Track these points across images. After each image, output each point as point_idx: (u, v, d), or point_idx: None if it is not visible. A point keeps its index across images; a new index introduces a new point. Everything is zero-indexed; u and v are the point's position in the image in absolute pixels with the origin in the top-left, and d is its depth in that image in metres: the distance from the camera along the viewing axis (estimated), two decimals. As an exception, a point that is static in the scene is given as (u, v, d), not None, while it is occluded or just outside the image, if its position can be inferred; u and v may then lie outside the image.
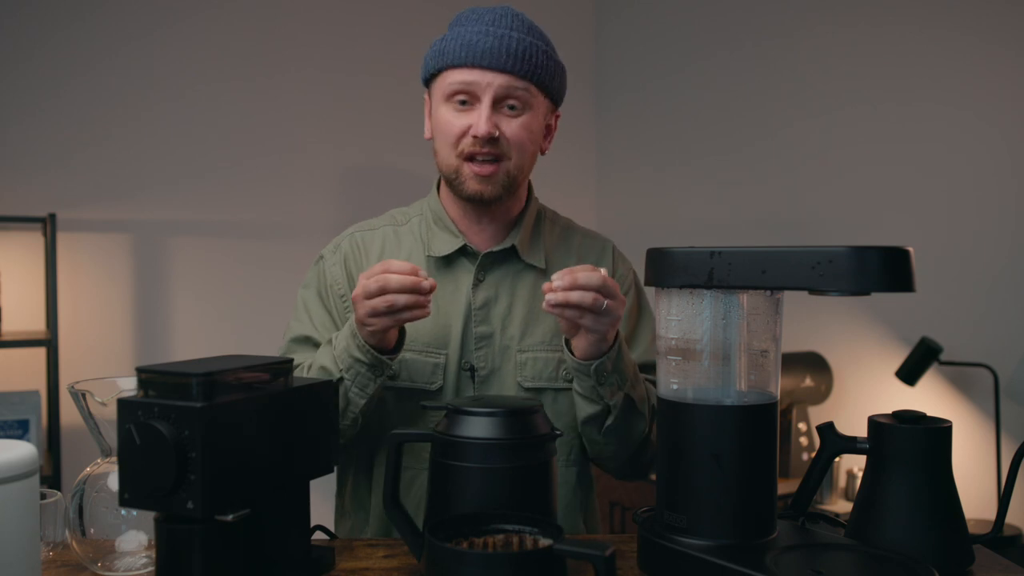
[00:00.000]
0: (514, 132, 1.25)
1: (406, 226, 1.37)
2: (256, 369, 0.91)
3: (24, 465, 0.84)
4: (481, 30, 1.24)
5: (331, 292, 1.33)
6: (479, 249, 1.32)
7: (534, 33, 1.27)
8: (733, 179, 3.20)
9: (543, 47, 1.26)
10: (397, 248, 1.34)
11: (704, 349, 0.98)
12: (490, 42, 1.22)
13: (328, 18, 3.32)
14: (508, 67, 1.22)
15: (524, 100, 1.25)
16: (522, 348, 1.30)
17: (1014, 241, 2.37)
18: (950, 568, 0.96)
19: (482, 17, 1.26)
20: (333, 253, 1.36)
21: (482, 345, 1.29)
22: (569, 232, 1.42)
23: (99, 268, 2.96)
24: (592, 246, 1.41)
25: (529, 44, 1.24)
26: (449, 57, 1.25)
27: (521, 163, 1.27)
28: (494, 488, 0.95)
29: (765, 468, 0.97)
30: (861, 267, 0.86)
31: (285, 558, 0.96)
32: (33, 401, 2.69)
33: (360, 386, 1.19)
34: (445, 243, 1.32)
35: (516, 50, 1.23)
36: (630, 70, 3.68)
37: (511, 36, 1.23)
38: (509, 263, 1.32)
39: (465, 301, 1.30)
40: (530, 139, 1.27)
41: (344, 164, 3.35)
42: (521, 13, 1.29)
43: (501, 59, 1.22)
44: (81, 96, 2.94)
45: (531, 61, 1.24)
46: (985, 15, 2.44)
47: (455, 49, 1.24)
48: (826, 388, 2.75)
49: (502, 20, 1.25)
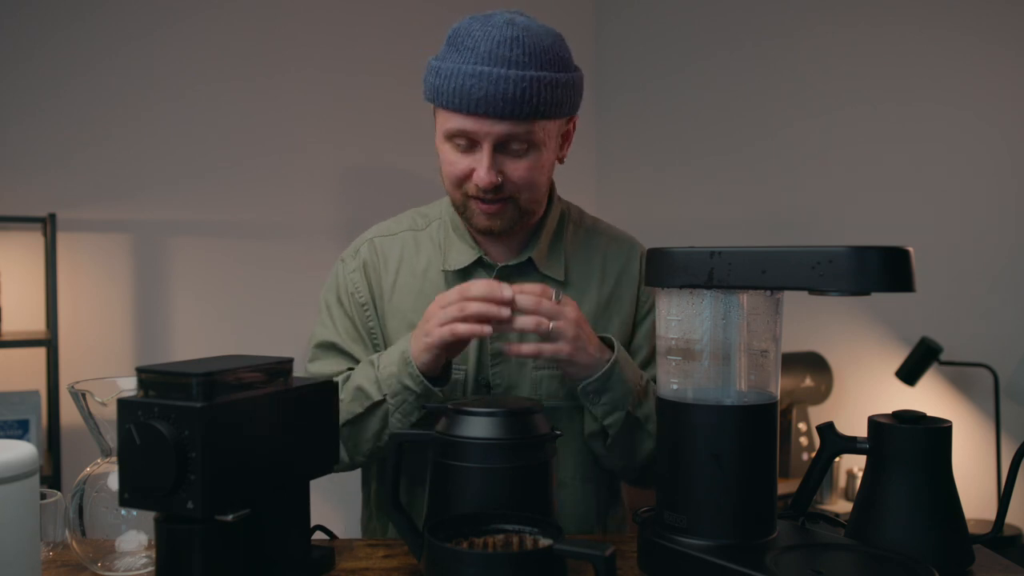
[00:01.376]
0: (520, 175, 1.18)
1: (425, 231, 1.33)
2: (256, 369, 0.91)
3: (24, 465, 0.84)
4: (475, 72, 1.12)
5: (353, 300, 1.31)
6: (496, 261, 1.28)
7: (539, 60, 1.13)
8: (733, 179, 3.20)
9: (550, 77, 1.14)
10: (416, 256, 1.31)
11: (704, 349, 0.98)
12: (485, 88, 1.11)
13: (328, 18, 3.32)
14: (507, 114, 1.13)
15: (529, 140, 1.16)
16: (538, 365, 1.26)
17: (1014, 241, 2.37)
18: (950, 568, 0.96)
19: (477, 45, 1.13)
20: (353, 258, 1.34)
21: (498, 361, 1.26)
22: (593, 235, 1.36)
23: (99, 268, 2.96)
24: (618, 252, 1.35)
25: (531, 82, 1.12)
26: (444, 99, 1.15)
27: (532, 196, 1.22)
28: (494, 488, 0.95)
29: (765, 468, 0.97)
30: (861, 267, 0.86)
31: (285, 558, 0.96)
32: (33, 401, 2.69)
33: (404, 413, 1.17)
34: (461, 255, 1.28)
35: (514, 95, 1.11)
36: (630, 70, 3.68)
37: (508, 77, 1.11)
38: (526, 276, 1.27)
39: None
40: (540, 172, 1.20)
41: (344, 164, 3.35)
42: (524, 22, 1.16)
43: (498, 107, 1.12)
44: (81, 96, 2.94)
45: (532, 102, 1.13)
46: (985, 15, 2.44)
47: (449, 93, 1.14)
48: (826, 388, 2.75)
49: (499, 50, 1.12)
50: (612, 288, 1.32)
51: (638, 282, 1.34)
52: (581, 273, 1.31)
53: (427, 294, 1.27)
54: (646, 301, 1.35)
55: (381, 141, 3.37)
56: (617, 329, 1.31)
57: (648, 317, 1.35)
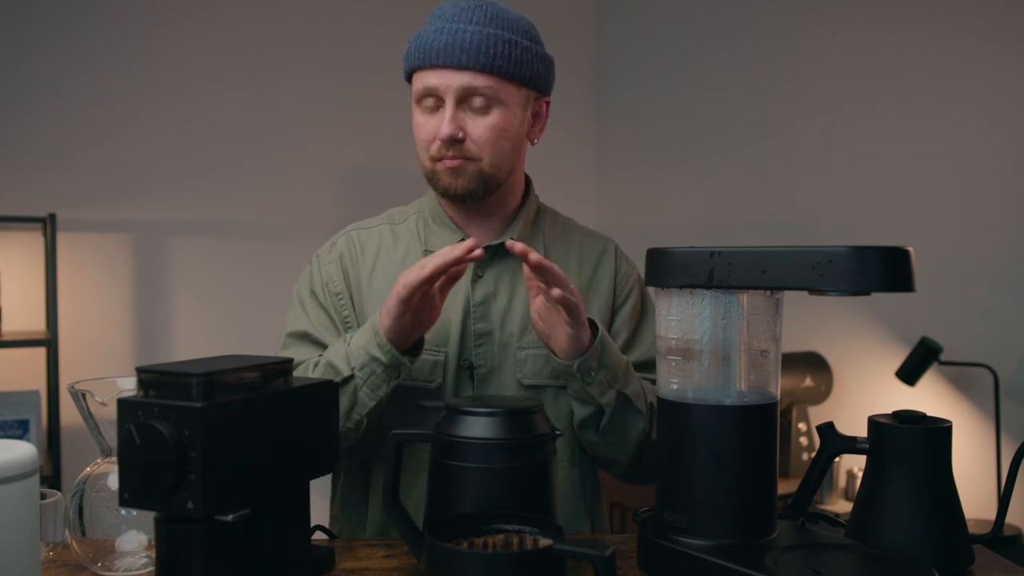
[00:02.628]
0: (481, 133, 1.20)
1: (403, 224, 1.36)
2: (256, 369, 0.91)
3: (24, 465, 0.84)
4: (439, 27, 1.19)
5: (327, 290, 1.32)
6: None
7: (500, 23, 1.20)
8: (733, 179, 3.20)
9: (508, 36, 1.19)
10: (394, 246, 1.33)
11: (704, 349, 0.98)
12: (444, 39, 1.17)
13: (328, 18, 3.32)
14: (464, 63, 1.16)
15: (490, 97, 1.19)
16: (522, 345, 1.27)
17: (1014, 241, 2.37)
18: (950, 568, 0.96)
19: (445, 13, 1.21)
20: (329, 251, 1.35)
21: (481, 342, 1.27)
22: (569, 231, 1.39)
23: (99, 268, 2.96)
24: (594, 246, 1.38)
25: (488, 36, 1.17)
26: (413, 58, 1.21)
27: (497, 161, 1.23)
28: (494, 488, 0.95)
29: (765, 468, 0.97)
30: (861, 267, 0.86)
31: (285, 558, 0.96)
32: (33, 401, 2.69)
33: (372, 387, 1.17)
34: (443, 239, 1.30)
35: (471, 45, 1.16)
36: (630, 70, 3.68)
37: (467, 30, 1.17)
38: (508, 259, 1.29)
39: (464, 297, 1.28)
40: (503, 136, 1.22)
41: (344, 164, 3.35)
42: (497, 3, 1.22)
43: (455, 56, 1.17)
44: (81, 96, 2.94)
45: (490, 53, 1.17)
46: (985, 15, 2.44)
47: (416, 50, 1.21)
48: (826, 388, 2.75)
49: (463, 14, 1.19)
50: (591, 275, 1.35)
51: (614, 271, 1.36)
52: (559, 260, 1.32)
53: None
54: (623, 288, 1.37)
55: (381, 141, 3.37)
56: (597, 313, 1.33)
57: (627, 303, 1.36)
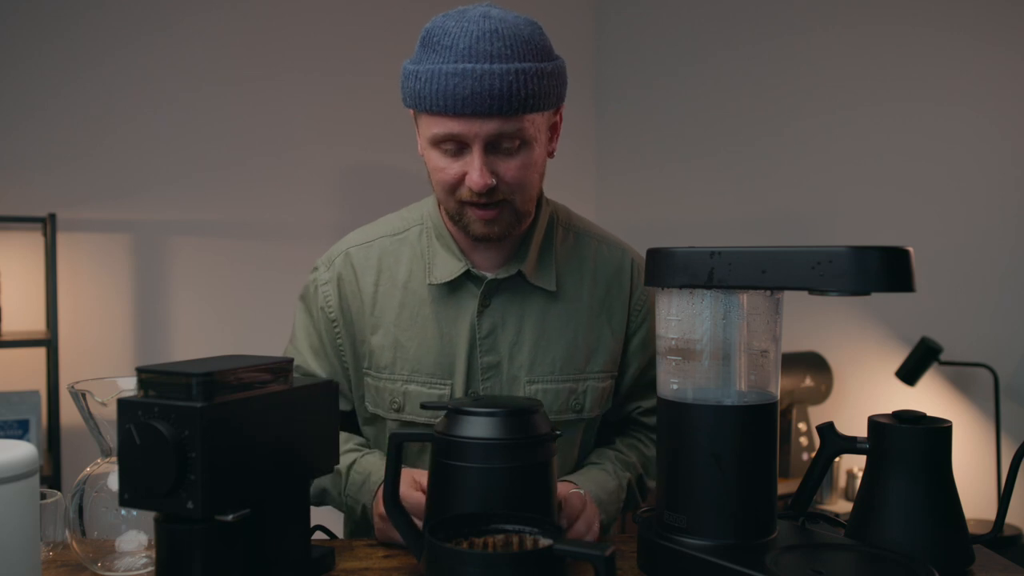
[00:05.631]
0: (513, 175, 1.13)
1: (403, 235, 1.28)
2: (256, 369, 0.91)
3: (24, 465, 0.84)
4: (457, 70, 1.06)
5: (323, 314, 1.28)
6: (483, 272, 1.23)
7: (519, 50, 1.08)
8: (733, 178, 3.20)
9: (532, 67, 1.09)
10: (396, 265, 1.26)
11: (704, 349, 0.98)
12: (470, 85, 1.06)
13: (328, 19, 3.32)
14: (495, 111, 1.07)
15: (520, 137, 1.11)
16: (531, 379, 1.23)
17: (1014, 241, 2.37)
18: (950, 568, 0.96)
19: (456, 43, 1.07)
20: (327, 269, 1.29)
21: (489, 375, 1.22)
22: (584, 241, 1.31)
23: (99, 268, 2.96)
24: (608, 257, 1.31)
25: (516, 74, 1.07)
26: (427, 103, 1.09)
27: (527, 196, 1.17)
28: (494, 488, 0.95)
29: (765, 468, 0.97)
30: (861, 267, 0.86)
31: (285, 558, 0.96)
32: (33, 401, 2.69)
33: (349, 512, 1.27)
34: (448, 268, 1.23)
35: (501, 90, 1.06)
36: (630, 70, 3.68)
37: (492, 72, 1.06)
38: (516, 287, 1.23)
39: (469, 327, 1.22)
40: (533, 169, 1.15)
41: (344, 164, 3.35)
42: (499, 14, 1.10)
43: (485, 104, 1.06)
44: (81, 96, 2.94)
45: (520, 95, 1.07)
46: (985, 15, 2.44)
47: (433, 96, 1.08)
48: (826, 388, 2.75)
49: (479, 45, 1.07)
50: (604, 293, 1.29)
51: (629, 291, 1.31)
52: (572, 281, 1.27)
53: (410, 307, 1.24)
54: (638, 311, 1.31)
55: (381, 141, 3.36)
56: (608, 340, 1.28)
57: (641, 329, 1.32)
